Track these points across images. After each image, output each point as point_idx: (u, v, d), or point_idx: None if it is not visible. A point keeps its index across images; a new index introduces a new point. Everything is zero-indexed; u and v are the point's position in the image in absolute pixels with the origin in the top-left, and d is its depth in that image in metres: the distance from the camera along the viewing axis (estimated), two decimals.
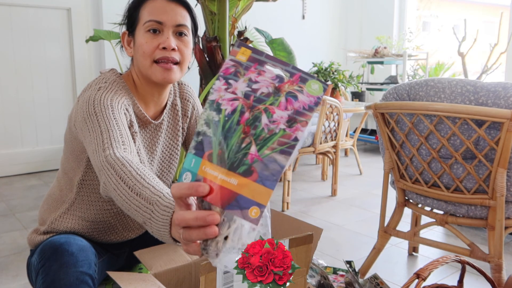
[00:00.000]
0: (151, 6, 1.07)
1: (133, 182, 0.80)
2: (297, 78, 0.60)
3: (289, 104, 0.60)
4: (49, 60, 3.52)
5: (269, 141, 0.59)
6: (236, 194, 0.59)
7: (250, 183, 0.59)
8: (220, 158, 0.60)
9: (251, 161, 0.59)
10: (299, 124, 0.60)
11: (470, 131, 1.41)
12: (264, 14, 4.29)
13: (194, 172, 0.61)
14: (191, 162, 0.62)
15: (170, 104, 1.23)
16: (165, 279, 1.04)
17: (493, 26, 8.46)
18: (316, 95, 0.60)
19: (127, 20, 1.13)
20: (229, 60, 0.62)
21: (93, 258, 1.00)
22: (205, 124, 0.61)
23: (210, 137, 0.61)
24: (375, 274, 1.28)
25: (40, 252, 0.99)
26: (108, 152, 0.87)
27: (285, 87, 0.60)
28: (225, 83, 0.62)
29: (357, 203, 2.84)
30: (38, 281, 0.95)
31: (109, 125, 0.94)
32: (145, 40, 1.06)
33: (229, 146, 0.60)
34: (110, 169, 0.84)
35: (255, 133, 0.60)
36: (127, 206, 0.79)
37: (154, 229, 0.74)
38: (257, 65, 0.62)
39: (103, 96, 1.01)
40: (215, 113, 0.61)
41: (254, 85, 0.61)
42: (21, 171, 3.50)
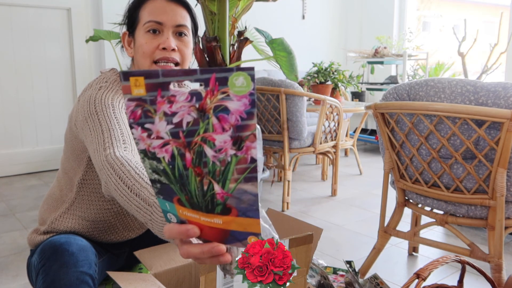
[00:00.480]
0: (151, 6, 1.07)
1: (131, 182, 0.80)
2: (214, 83, 0.48)
3: (223, 123, 0.49)
4: (49, 60, 3.52)
5: (227, 174, 0.51)
6: (228, 230, 0.55)
7: (234, 219, 0.54)
8: (191, 203, 0.55)
9: (222, 200, 0.53)
10: (248, 142, 0.50)
11: (470, 131, 1.41)
12: (264, 14, 4.29)
13: (174, 214, 0.58)
14: (166, 206, 0.57)
15: None
16: (165, 279, 1.04)
17: (493, 26, 8.46)
18: (247, 92, 0.48)
19: (127, 21, 1.14)
20: (128, 101, 0.51)
21: (93, 258, 1.00)
22: (154, 173, 0.55)
23: (167, 184, 0.55)
24: (375, 274, 1.28)
25: (40, 252, 0.99)
26: (108, 152, 0.87)
27: (207, 103, 0.49)
28: (142, 129, 0.52)
29: (357, 203, 2.84)
30: (38, 281, 0.95)
31: (110, 124, 0.93)
32: (145, 41, 1.07)
33: (192, 192, 0.54)
34: (110, 169, 0.83)
35: (209, 171, 0.52)
36: (128, 206, 0.79)
37: (156, 230, 0.74)
38: (160, 91, 0.50)
39: (104, 95, 1.02)
40: (156, 162, 0.54)
41: (173, 118, 0.51)
42: (21, 171, 3.50)
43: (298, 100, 2.70)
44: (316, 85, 3.28)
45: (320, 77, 3.29)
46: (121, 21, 1.16)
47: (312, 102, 3.35)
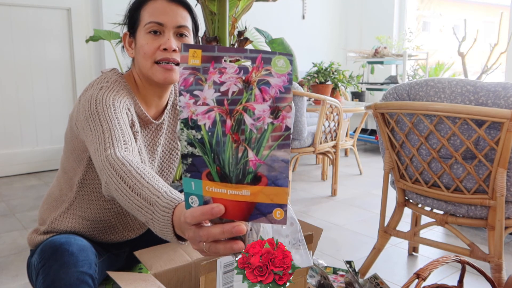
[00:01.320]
0: (152, 7, 1.08)
1: (133, 182, 0.80)
2: (260, 61, 0.55)
3: (264, 94, 0.55)
4: (49, 60, 3.52)
5: (263, 141, 0.56)
6: (254, 203, 0.57)
7: (263, 189, 0.56)
8: (221, 175, 0.57)
9: (254, 168, 0.56)
10: (284, 111, 0.55)
11: (470, 131, 1.41)
12: (264, 14, 4.29)
13: (199, 194, 0.59)
14: (191, 185, 0.59)
15: (171, 104, 1.24)
16: (165, 279, 1.04)
17: (493, 26, 8.46)
18: (286, 72, 0.55)
19: (128, 21, 1.14)
20: (183, 70, 0.56)
21: (94, 258, 1.00)
22: (189, 145, 0.58)
23: (200, 156, 0.58)
24: (375, 274, 1.28)
25: (41, 252, 0.99)
26: (109, 152, 0.87)
27: (253, 77, 0.55)
28: (191, 96, 0.57)
29: (357, 203, 2.84)
30: (39, 281, 0.95)
31: (111, 124, 0.93)
32: (146, 41, 1.07)
33: (226, 161, 0.57)
34: (110, 169, 0.83)
35: (245, 138, 0.56)
36: (129, 205, 0.79)
37: (157, 229, 0.74)
38: (214, 63, 0.56)
39: (105, 95, 1.02)
40: (195, 131, 0.57)
41: (221, 87, 0.56)
42: (21, 171, 3.50)
43: (298, 100, 2.70)
44: (316, 85, 3.28)
45: (320, 77, 3.29)
46: (122, 21, 1.16)
47: (312, 102, 3.35)
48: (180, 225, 0.69)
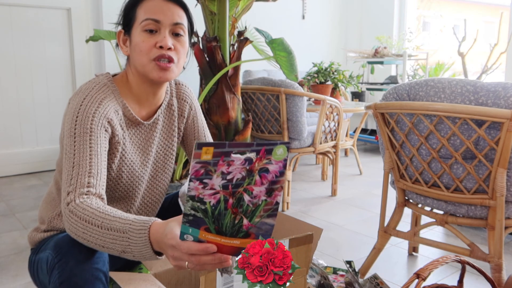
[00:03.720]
0: (148, 5, 1.08)
1: (100, 221, 0.88)
2: (263, 153, 0.67)
3: (263, 179, 0.68)
4: (49, 60, 3.52)
5: (256, 212, 0.70)
6: (241, 248, 0.71)
7: (250, 240, 0.70)
8: (218, 231, 0.71)
9: (246, 229, 0.71)
10: (276, 191, 0.69)
11: (470, 131, 1.41)
12: (264, 14, 4.29)
13: (194, 236, 0.71)
14: (188, 230, 0.71)
15: (166, 104, 1.24)
16: (165, 279, 1.04)
17: (493, 26, 8.46)
18: (282, 158, 0.67)
19: (123, 19, 1.13)
20: (195, 163, 0.66)
21: (106, 256, 1.01)
22: (193, 210, 0.69)
23: (201, 218, 0.70)
24: (375, 274, 1.28)
25: (56, 247, 0.99)
26: (69, 199, 0.94)
27: (255, 166, 0.67)
28: (200, 183, 0.67)
29: (357, 203, 2.84)
30: (54, 276, 0.95)
31: (81, 157, 0.99)
32: (141, 39, 1.07)
33: (224, 225, 0.70)
34: (73, 217, 0.91)
35: (242, 210, 0.69)
36: (102, 242, 0.88)
37: (136, 252, 0.84)
38: (223, 157, 0.66)
39: (87, 110, 1.03)
40: (199, 203, 0.68)
41: (228, 176, 0.67)
42: (21, 171, 3.50)
43: (298, 100, 2.70)
44: (316, 85, 3.28)
45: (320, 77, 3.29)
46: (117, 20, 1.16)
47: (312, 102, 3.35)
48: (158, 242, 0.80)
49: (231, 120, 2.29)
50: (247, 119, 2.34)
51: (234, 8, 2.39)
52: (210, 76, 2.23)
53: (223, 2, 2.20)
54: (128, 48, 1.12)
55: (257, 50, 2.86)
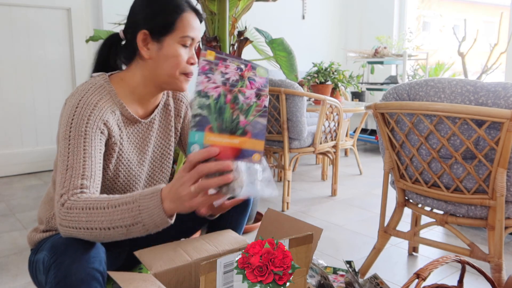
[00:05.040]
0: (187, 19, 1.11)
1: (105, 203, 0.92)
2: (250, 67, 0.88)
3: (252, 85, 0.87)
4: (49, 60, 3.52)
5: (249, 111, 0.87)
6: (240, 149, 0.85)
7: (248, 140, 0.86)
8: (220, 129, 0.85)
9: (243, 126, 0.86)
10: (263, 97, 0.88)
11: (470, 131, 1.41)
12: (264, 14, 4.29)
13: (200, 143, 0.84)
14: (195, 136, 0.84)
15: (162, 104, 1.25)
16: (165, 279, 1.04)
17: (493, 26, 8.46)
18: (264, 77, 0.88)
19: (152, 22, 1.11)
20: (203, 60, 0.85)
21: (103, 256, 1.01)
22: (199, 108, 0.84)
23: (206, 116, 0.84)
24: (375, 274, 1.28)
25: (52, 248, 0.99)
26: (63, 199, 0.96)
27: (245, 74, 0.87)
28: (206, 76, 0.85)
29: (357, 203, 2.84)
30: (50, 276, 0.95)
31: (74, 159, 1.00)
32: (179, 53, 1.11)
33: (224, 119, 0.85)
34: (72, 212, 0.94)
35: (238, 107, 0.86)
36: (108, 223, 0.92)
37: (146, 218, 0.89)
38: (222, 61, 0.86)
39: (82, 112, 1.04)
40: (205, 99, 0.85)
41: (226, 75, 0.86)
42: (21, 171, 3.50)
43: (298, 100, 2.70)
44: (316, 85, 3.28)
45: (320, 77, 3.29)
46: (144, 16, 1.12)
47: (312, 102, 3.35)
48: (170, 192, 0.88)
49: None
50: None
51: (234, 8, 2.39)
52: None
53: (223, 2, 2.20)
54: (152, 53, 1.11)
55: (257, 50, 2.86)
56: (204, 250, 1.13)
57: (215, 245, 1.17)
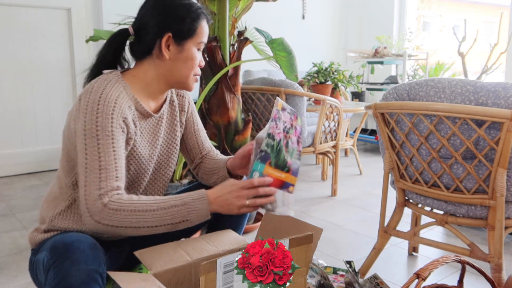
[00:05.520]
0: (204, 26, 1.21)
1: (154, 206, 1.04)
2: (295, 117, 1.15)
3: (296, 132, 1.15)
4: (49, 60, 3.52)
5: (293, 153, 1.14)
6: (284, 181, 1.12)
7: (289, 175, 1.13)
8: (275, 165, 1.11)
9: (288, 165, 1.13)
10: (300, 143, 1.16)
11: (470, 131, 1.41)
12: (264, 14, 4.29)
13: (260, 171, 1.10)
14: (258, 166, 1.10)
15: (168, 100, 1.31)
16: (165, 279, 1.04)
17: (493, 26, 8.46)
18: (300, 126, 1.17)
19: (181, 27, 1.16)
20: (276, 109, 1.11)
21: (103, 257, 1.01)
22: (266, 146, 1.09)
23: (269, 153, 1.10)
24: (375, 274, 1.28)
25: (51, 249, 0.99)
26: (105, 200, 1.02)
27: (293, 123, 1.14)
28: (275, 123, 1.10)
29: (357, 203, 2.84)
30: (49, 277, 0.95)
31: (107, 160, 1.05)
32: (195, 56, 1.20)
33: (280, 158, 1.12)
34: (118, 213, 1.02)
35: (288, 150, 1.13)
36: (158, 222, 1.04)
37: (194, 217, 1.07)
38: (283, 111, 1.13)
39: (106, 110, 1.06)
40: (271, 140, 1.10)
41: (285, 124, 1.12)
42: (21, 171, 3.50)
43: (298, 100, 2.70)
44: (316, 85, 3.28)
45: (320, 77, 3.29)
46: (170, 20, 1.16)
47: (312, 102, 3.35)
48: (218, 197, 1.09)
49: (231, 120, 2.29)
50: (247, 119, 2.34)
51: (234, 8, 2.39)
52: (210, 76, 2.23)
53: (223, 2, 2.20)
54: (172, 54, 1.17)
55: (257, 50, 2.86)
56: (204, 250, 1.13)
57: (215, 245, 1.17)
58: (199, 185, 1.44)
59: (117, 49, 1.23)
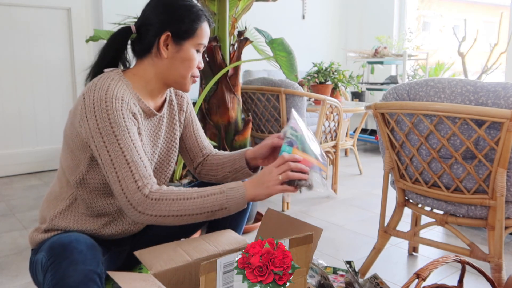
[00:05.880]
0: (205, 29, 1.20)
1: (195, 195, 1.08)
2: None
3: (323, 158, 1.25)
4: (49, 60, 3.52)
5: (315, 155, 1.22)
6: (314, 164, 1.17)
7: (319, 162, 1.19)
8: (302, 149, 1.16)
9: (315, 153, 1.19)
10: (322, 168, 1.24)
11: (470, 131, 1.41)
12: (264, 14, 4.29)
13: (289, 152, 1.13)
14: (286, 148, 1.14)
15: (168, 100, 1.31)
16: (165, 279, 1.04)
17: (493, 26, 8.46)
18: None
19: (176, 25, 1.16)
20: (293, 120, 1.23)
21: (101, 257, 1.01)
22: (291, 135, 1.16)
23: (295, 140, 1.16)
24: (375, 274, 1.28)
25: (49, 249, 0.99)
26: (146, 191, 1.05)
27: None
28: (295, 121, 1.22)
29: (357, 203, 2.84)
30: (47, 278, 0.95)
31: (133, 155, 1.07)
32: (194, 57, 1.19)
33: (305, 147, 1.18)
34: (162, 202, 1.05)
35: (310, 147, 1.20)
36: (199, 209, 1.07)
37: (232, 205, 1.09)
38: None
39: (115, 107, 1.06)
40: (295, 132, 1.18)
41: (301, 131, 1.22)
42: (21, 171, 3.50)
43: (298, 100, 2.70)
44: (316, 85, 3.28)
45: (320, 77, 3.29)
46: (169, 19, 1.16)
47: (312, 102, 3.35)
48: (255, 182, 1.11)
49: (231, 120, 2.29)
50: (247, 119, 2.34)
51: (234, 8, 2.39)
52: (210, 76, 2.23)
53: (223, 2, 2.20)
54: (169, 53, 1.17)
55: (257, 50, 2.86)
56: (204, 250, 1.14)
57: (215, 245, 1.17)
58: (201, 184, 1.44)
59: (119, 47, 1.23)
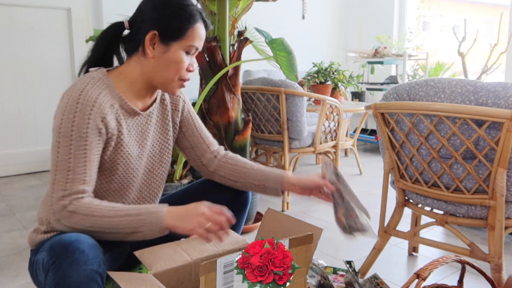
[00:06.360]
0: (198, 31, 1.15)
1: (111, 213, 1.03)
2: None
3: None
4: (49, 60, 3.52)
5: None
6: None
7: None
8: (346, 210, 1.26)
9: None
10: None
11: (470, 131, 1.41)
12: (264, 14, 4.29)
13: None
14: None
15: (159, 99, 1.28)
16: (165, 279, 1.04)
17: (493, 26, 8.46)
18: None
19: (164, 25, 1.12)
20: None
21: (102, 257, 1.01)
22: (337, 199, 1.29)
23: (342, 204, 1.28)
24: (375, 274, 1.28)
25: (50, 250, 0.99)
26: (66, 201, 1.03)
27: None
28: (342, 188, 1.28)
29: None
30: (48, 278, 0.95)
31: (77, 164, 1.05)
32: (182, 59, 1.14)
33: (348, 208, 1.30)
34: (76, 216, 1.03)
35: None
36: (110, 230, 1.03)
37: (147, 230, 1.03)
38: None
39: (84, 109, 1.05)
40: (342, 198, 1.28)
41: None
42: (21, 171, 3.50)
43: (298, 100, 2.70)
44: (316, 85, 3.28)
45: (320, 77, 3.29)
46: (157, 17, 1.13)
47: (312, 102, 3.35)
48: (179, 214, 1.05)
49: (231, 120, 2.29)
50: (247, 119, 2.34)
51: (234, 8, 2.39)
52: (210, 76, 2.23)
53: (223, 2, 2.20)
54: (156, 53, 1.13)
55: (257, 50, 2.86)
56: (204, 250, 1.14)
57: (215, 245, 1.17)
58: (202, 182, 1.43)
59: (109, 44, 1.21)
